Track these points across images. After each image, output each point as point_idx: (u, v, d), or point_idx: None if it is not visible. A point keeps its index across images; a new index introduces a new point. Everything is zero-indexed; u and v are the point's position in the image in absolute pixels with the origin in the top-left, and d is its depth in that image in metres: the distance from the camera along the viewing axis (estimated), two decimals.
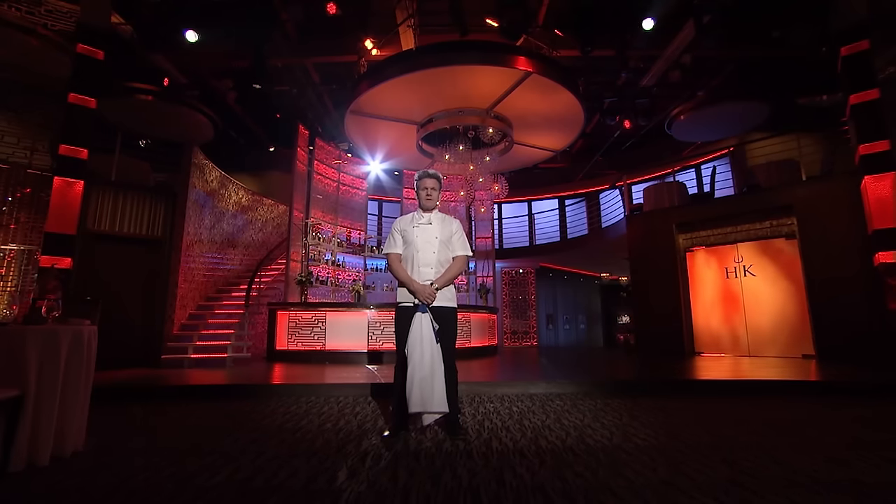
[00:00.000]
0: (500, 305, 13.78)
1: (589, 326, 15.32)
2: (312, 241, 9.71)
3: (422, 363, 2.74)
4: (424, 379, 2.72)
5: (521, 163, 11.88)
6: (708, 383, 5.00)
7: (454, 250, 3.08)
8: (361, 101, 8.74)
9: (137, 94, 8.27)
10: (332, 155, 10.71)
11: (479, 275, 11.55)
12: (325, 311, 8.37)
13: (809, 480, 2.07)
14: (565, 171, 13.96)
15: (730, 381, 5.07)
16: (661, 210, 9.45)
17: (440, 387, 2.76)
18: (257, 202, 10.79)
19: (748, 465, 2.28)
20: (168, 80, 8.49)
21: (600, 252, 12.36)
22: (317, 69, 9.49)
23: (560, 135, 10.26)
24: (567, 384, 4.90)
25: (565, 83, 8.29)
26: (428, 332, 2.82)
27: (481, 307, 10.28)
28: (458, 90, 8.56)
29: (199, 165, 8.44)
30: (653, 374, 5.88)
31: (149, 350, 7.10)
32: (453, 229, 3.10)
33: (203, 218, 8.64)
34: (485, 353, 9.55)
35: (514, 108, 9.10)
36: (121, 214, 7.22)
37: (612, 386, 4.93)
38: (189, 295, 8.22)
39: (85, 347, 2.74)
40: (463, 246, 3.10)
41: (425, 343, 2.79)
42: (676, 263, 9.02)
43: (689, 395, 4.64)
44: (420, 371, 2.73)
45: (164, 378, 5.51)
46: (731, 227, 8.60)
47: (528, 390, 4.78)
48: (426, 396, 2.70)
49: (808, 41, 7.05)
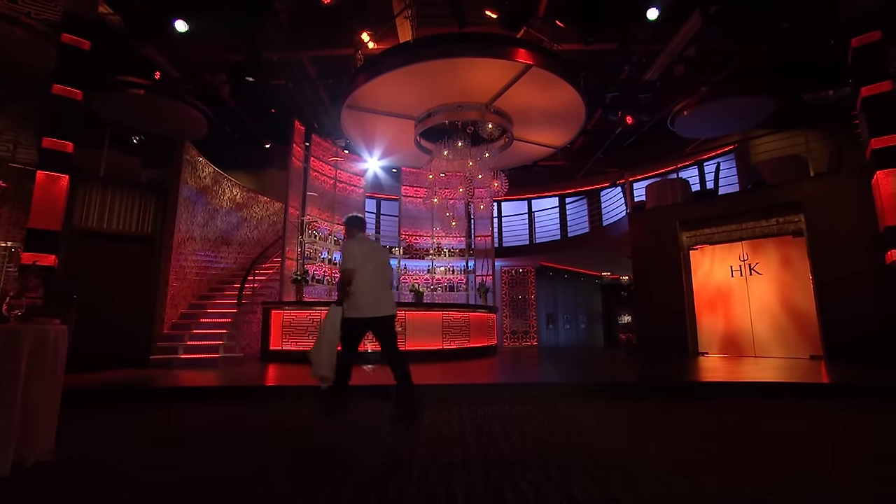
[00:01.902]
0: (500, 305, 13.57)
1: (589, 326, 15.11)
2: (308, 239, 9.51)
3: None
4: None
5: (520, 160, 11.67)
6: (716, 385, 4.80)
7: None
8: (358, 95, 8.54)
9: (129, 89, 8.05)
10: (329, 151, 10.50)
11: (479, 274, 11.35)
12: (321, 310, 8.17)
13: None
14: (566, 168, 13.76)
15: (744, 383, 4.88)
16: (664, 207, 9.25)
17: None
18: (252, 199, 10.59)
19: (816, 469, 2.08)
20: (160, 73, 8.26)
21: (601, 251, 12.16)
22: (313, 63, 9.27)
23: (561, 131, 10.05)
24: (568, 388, 4.70)
25: (566, 77, 8.09)
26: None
27: (480, 307, 10.08)
28: (457, 84, 8.36)
29: (191, 161, 8.23)
30: (655, 376, 5.69)
31: (138, 350, 6.90)
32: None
33: (195, 215, 8.43)
34: (484, 353, 9.35)
35: (514, 103, 8.89)
36: (109, 211, 7.01)
37: (617, 388, 4.73)
38: (181, 293, 8.02)
39: (50, 348, 2.54)
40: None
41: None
42: (680, 261, 8.83)
43: (697, 398, 4.44)
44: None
45: (150, 379, 5.31)
46: (736, 224, 8.41)
47: (529, 392, 4.58)
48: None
49: (816, 32, 6.84)
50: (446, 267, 11.41)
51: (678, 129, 10.08)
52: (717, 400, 4.25)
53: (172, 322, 7.66)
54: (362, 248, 3.68)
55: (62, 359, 2.66)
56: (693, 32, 7.45)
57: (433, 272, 11.31)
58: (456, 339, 8.89)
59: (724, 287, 8.53)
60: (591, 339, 14.99)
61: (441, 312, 8.88)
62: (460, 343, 8.95)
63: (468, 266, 11.45)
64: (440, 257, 11.38)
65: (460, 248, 11.58)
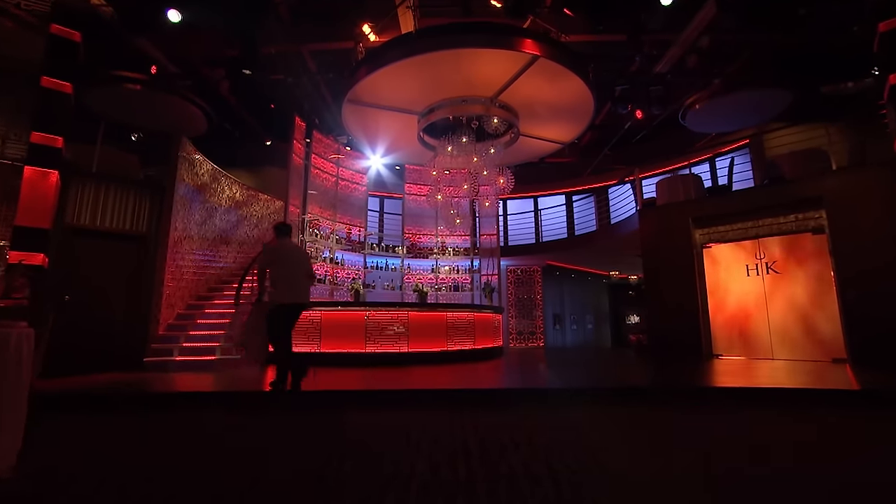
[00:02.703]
0: (506, 305, 13.27)
1: (597, 326, 14.75)
2: (310, 237, 9.28)
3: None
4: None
5: (526, 156, 11.39)
6: (740, 392, 4.49)
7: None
8: (359, 89, 8.30)
9: (124, 83, 7.84)
10: (331, 148, 10.28)
11: (484, 273, 11.07)
12: (320, 310, 7.94)
13: None
14: (573, 165, 13.40)
15: (770, 389, 4.57)
16: (676, 204, 8.92)
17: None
18: (252, 197, 10.37)
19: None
20: (157, 68, 8.05)
21: (610, 249, 11.81)
22: (313, 57, 9.03)
23: (568, 125, 9.76)
24: (580, 393, 4.41)
25: (574, 68, 7.80)
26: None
27: (486, 307, 9.80)
28: (461, 76, 8.10)
29: (188, 158, 8.02)
30: (671, 380, 5.38)
31: (132, 351, 6.68)
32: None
33: (193, 213, 8.22)
34: (490, 355, 9.07)
35: (520, 97, 8.62)
36: (103, 208, 6.80)
37: (632, 393, 4.43)
38: (177, 294, 7.81)
39: (12, 352, 2.30)
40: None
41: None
42: (693, 260, 8.50)
43: (719, 404, 4.13)
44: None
45: (140, 383, 5.08)
46: (753, 221, 8.07)
47: (538, 397, 4.30)
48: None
49: (838, 18, 6.50)
50: (451, 266, 11.15)
51: (689, 124, 9.73)
52: (744, 409, 3.95)
53: (168, 323, 7.45)
54: (283, 251, 4.83)
55: (27, 364, 2.42)
56: (708, 20, 7.13)
57: (437, 271, 11.04)
58: (461, 341, 8.63)
59: (740, 286, 8.19)
60: (598, 339, 14.63)
61: (445, 313, 8.62)
62: (465, 344, 8.68)
63: (473, 265, 11.18)
64: (444, 256, 11.11)
65: (465, 247, 11.31)
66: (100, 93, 7.72)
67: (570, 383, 5.21)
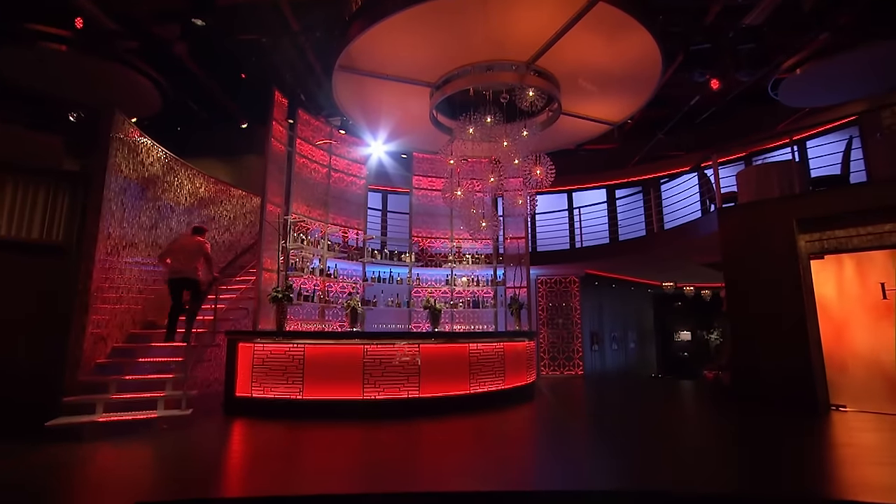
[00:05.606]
0: (537, 325, 11.15)
1: (640, 346, 12.52)
2: (294, 244, 7.30)
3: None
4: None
5: (563, 142, 9.30)
6: None
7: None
8: (354, 50, 6.31)
9: (42, 41, 5.89)
10: (321, 132, 8.26)
11: (510, 285, 9.00)
12: (303, 343, 5.97)
13: None
14: (615, 152, 11.11)
15: None
16: (771, 201, 6.76)
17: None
18: (222, 193, 8.38)
19: None
20: (86, 22, 6.09)
21: (670, 257, 9.58)
22: (295, 12, 6.95)
23: (622, 99, 7.67)
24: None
25: (641, 17, 5.75)
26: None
27: (518, 334, 7.74)
28: (488, 33, 6.10)
29: (128, 142, 6.06)
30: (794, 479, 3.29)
31: (34, 409, 4.75)
32: None
33: (136, 214, 6.28)
34: (520, 397, 7.03)
35: (564, 61, 6.58)
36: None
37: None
38: (114, 321, 5.89)
39: None
40: None
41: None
42: (798, 274, 6.35)
43: None
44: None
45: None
46: (891, 223, 5.89)
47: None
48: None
49: None
50: (469, 277, 9.10)
51: (782, 97, 7.54)
52: None
53: (98, 362, 5.52)
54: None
55: None
56: None
57: (453, 283, 9.01)
58: (488, 379, 6.62)
59: (869, 312, 6.06)
60: (642, 362, 12.35)
61: (468, 344, 6.60)
62: (494, 384, 6.67)
63: (497, 276, 9.12)
64: (462, 265, 9.06)
65: (487, 253, 9.25)
66: (7, 52, 5.78)
67: (644, 483, 3.20)
